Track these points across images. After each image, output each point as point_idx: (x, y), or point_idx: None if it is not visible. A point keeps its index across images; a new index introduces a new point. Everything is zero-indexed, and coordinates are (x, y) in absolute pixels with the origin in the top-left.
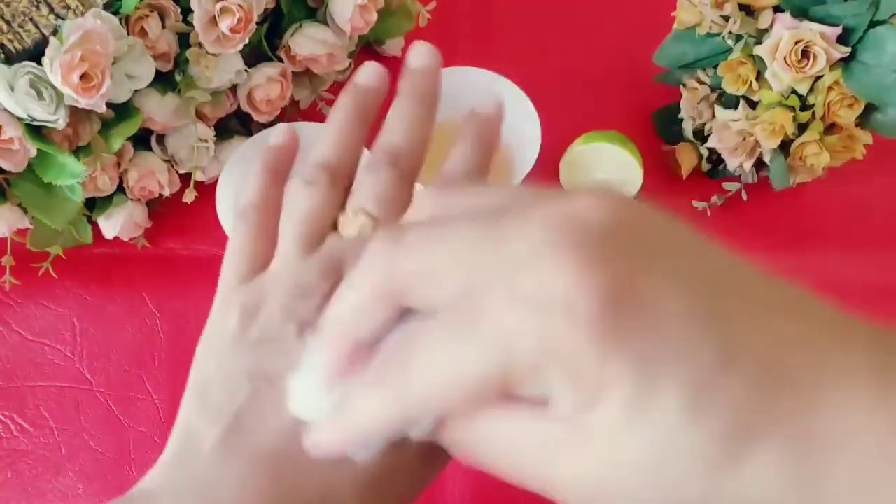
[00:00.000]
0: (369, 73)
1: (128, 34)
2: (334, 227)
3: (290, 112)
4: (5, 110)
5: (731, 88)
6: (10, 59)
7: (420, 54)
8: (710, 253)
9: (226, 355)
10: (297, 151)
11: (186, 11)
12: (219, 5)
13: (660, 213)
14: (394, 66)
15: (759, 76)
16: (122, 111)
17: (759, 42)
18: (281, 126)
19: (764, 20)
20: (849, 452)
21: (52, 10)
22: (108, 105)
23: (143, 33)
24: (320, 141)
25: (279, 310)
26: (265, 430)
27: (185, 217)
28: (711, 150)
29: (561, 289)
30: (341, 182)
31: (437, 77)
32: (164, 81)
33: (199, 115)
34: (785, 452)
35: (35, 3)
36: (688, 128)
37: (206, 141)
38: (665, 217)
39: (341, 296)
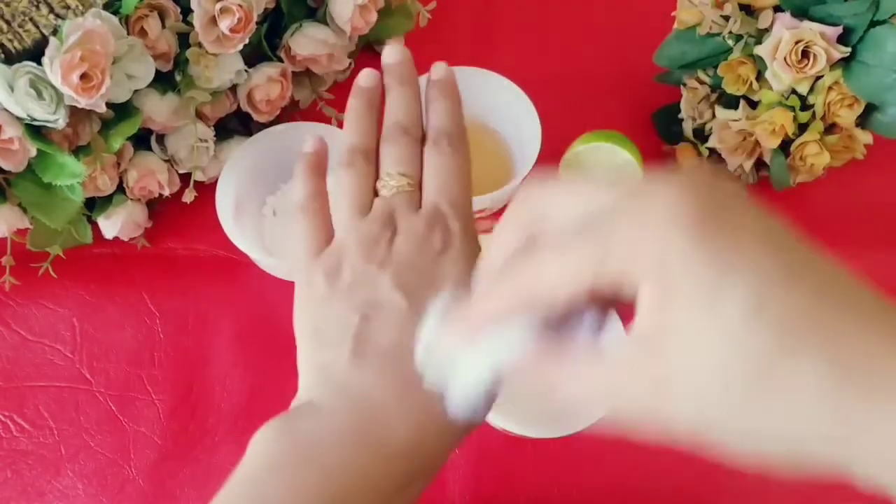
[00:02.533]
0: (367, 75)
1: (128, 34)
2: (375, 195)
3: (290, 112)
4: (5, 110)
5: (731, 88)
6: (10, 59)
7: (391, 51)
8: (793, 233)
9: (326, 305)
10: (327, 153)
11: (186, 11)
12: (219, 5)
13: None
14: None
15: (760, 76)
16: (121, 111)
17: (759, 42)
18: (312, 134)
19: (764, 20)
20: (886, 388)
21: (51, 9)
22: (108, 105)
23: (142, 33)
24: (344, 132)
25: (358, 258)
26: (381, 338)
27: (184, 217)
28: (711, 150)
29: (669, 193)
30: (371, 158)
31: (410, 64)
32: (163, 81)
33: (199, 115)
34: (826, 371)
35: (35, 3)
36: (688, 128)
37: (205, 141)
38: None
39: (502, 221)
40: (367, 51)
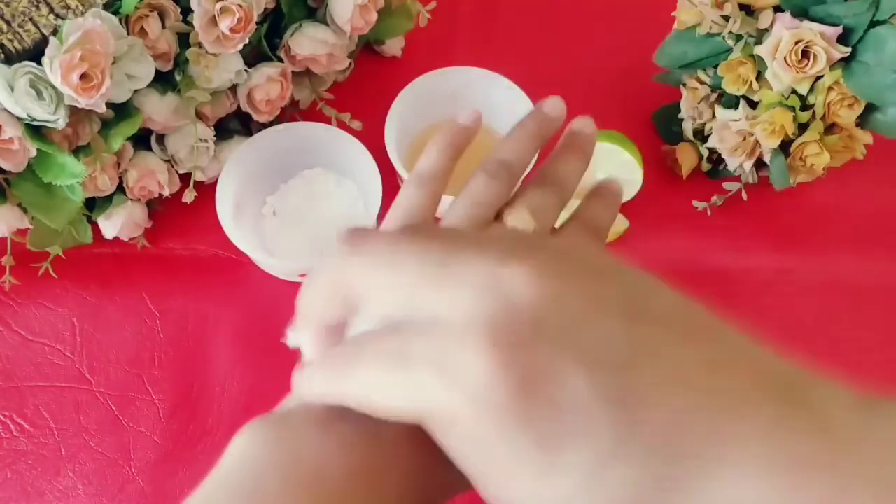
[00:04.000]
0: (557, 107)
1: (128, 34)
2: (497, 217)
3: (290, 112)
4: (5, 110)
5: (731, 88)
6: (10, 59)
7: (586, 124)
8: (626, 323)
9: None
10: (477, 133)
11: (186, 11)
12: (219, 5)
13: (588, 278)
14: (393, 66)
15: (760, 76)
16: (121, 111)
17: (759, 42)
18: (472, 109)
19: (764, 20)
20: None
21: (51, 9)
22: (108, 105)
23: (142, 33)
24: (504, 144)
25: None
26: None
27: (184, 217)
28: (711, 150)
29: (478, 372)
30: (514, 181)
31: (594, 137)
32: (163, 81)
33: (199, 115)
34: None
35: (35, 3)
36: (688, 128)
37: (205, 141)
38: (590, 285)
39: (307, 281)
40: (367, 51)
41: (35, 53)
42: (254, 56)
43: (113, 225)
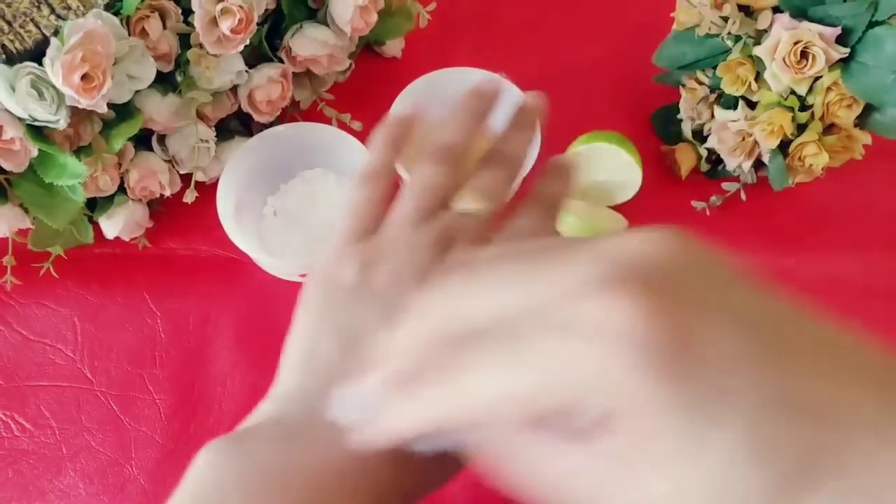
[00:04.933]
0: (493, 82)
1: (129, 35)
2: (446, 206)
3: (291, 112)
4: (6, 111)
5: (730, 89)
6: (12, 60)
7: (536, 97)
8: (763, 296)
9: (351, 301)
10: (418, 126)
11: (187, 12)
12: (219, 6)
13: (714, 253)
14: (393, 66)
15: (758, 77)
16: (123, 112)
17: (758, 43)
18: (408, 102)
19: (763, 21)
20: None
21: (53, 10)
22: (109, 105)
23: (144, 34)
24: (447, 127)
25: (401, 264)
26: None
27: (185, 217)
28: (710, 151)
29: (624, 324)
30: (459, 164)
31: (541, 113)
32: (164, 82)
33: (200, 116)
34: None
35: (36, 4)
36: (687, 128)
37: (206, 141)
38: (718, 258)
39: (405, 324)
40: (367, 52)
41: (36, 54)
42: (255, 57)
43: (114, 225)
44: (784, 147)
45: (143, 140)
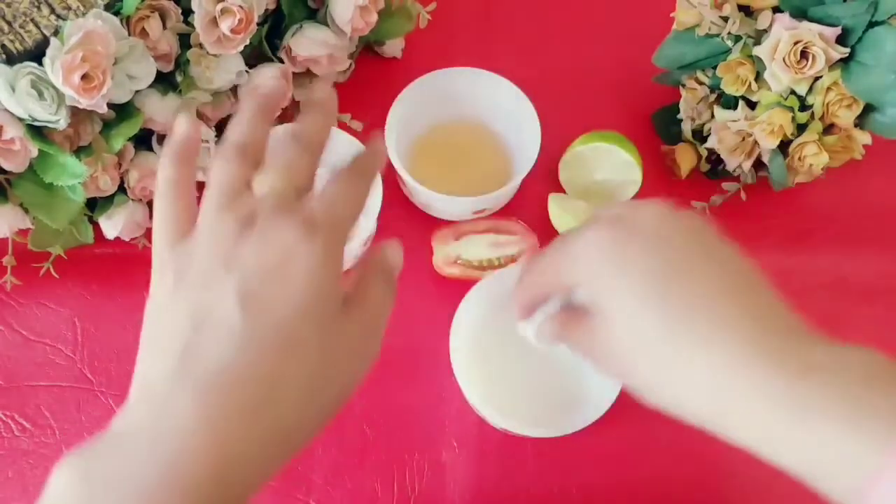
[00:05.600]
0: (267, 76)
1: (129, 35)
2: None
3: (291, 112)
4: (6, 111)
5: (730, 89)
6: (12, 60)
7: (322, 87)
8: (708, 246)
9: (167, 306)
10: (199, 140)
11: (187, 12)
12: (220, 6)
13: (676, 213)
14: (393, 67)
15: (758, 77)
16: (122, 111)
17: (758, 43)
18: (182, 119)
19: (763, 21)
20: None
21: (53, 10)
22: (109, 105)
23: (143, 34)
24: (232, 128)
25: (207, 256)
26: (209, 356)
27: None
28: (710, 151)
29: (592, 242)
30: (252, 158)
31: (335, 103)
32: (164, 82)
33: (200, 116)
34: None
35: (36, 4)
36: (687, 128)
37: (206, 141)
38: (680, 218)
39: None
40: (367, 52)
41: (36, 54)
42: (255, 57)
43: (114, 225)
44: (784, 147)
45: (143, 140)
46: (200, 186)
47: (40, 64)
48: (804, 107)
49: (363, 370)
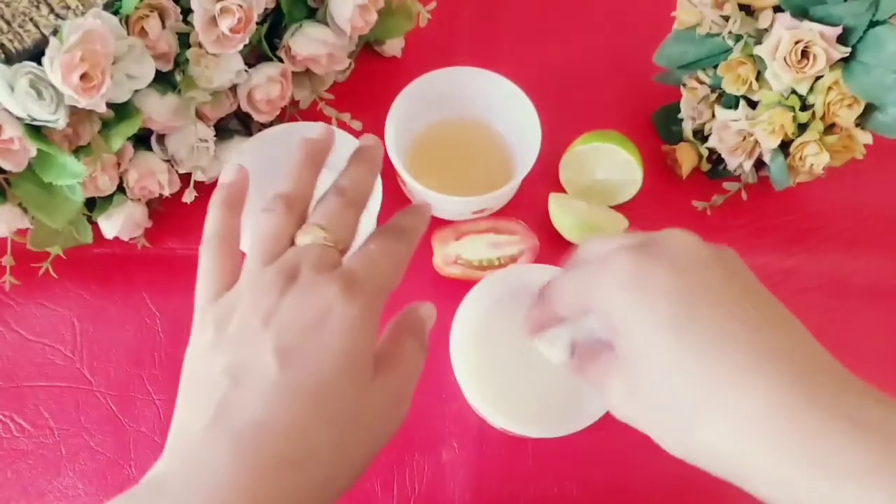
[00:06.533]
0: (318, 128)
1: (128, 34)
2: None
3: (291, 112)
4: (5, 110)
5: (730, 88)
6: (10, 59)
7: (368, 138)
8: (734, 287)
9: (207, 358)
10: (248, 186)
11: (186, 11)
12: (219, 5)
13: (704, 250)
14: (393, 66)
15: (759, 76)
16: (122, 111)
17: (758, 42)
18: (232, 163)
19: (764, 20)
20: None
21: (52, 10)
22: (108, 105)
23: (143, 33)
24: (283, 180)
25: (247, 309)
26: (245, 410)
27: (184, 217)
28: (711, 150)
29: (615, 269)
30: (296, 209)
31: (380, 152)
32: (164, 81)
33: (199, 115)
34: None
35: (35, 3)
36: (688, 128)
37: (206, 141)
38: (708, 254)
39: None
40: (367, 51)
41: (35, 53)
42: (254, 56)
43: (113, 225)
44: (785, 147)
45: (142, 140)
46: (200, 185)
47: (39, 63)
48: (805, 106)
49: (392, 432)
